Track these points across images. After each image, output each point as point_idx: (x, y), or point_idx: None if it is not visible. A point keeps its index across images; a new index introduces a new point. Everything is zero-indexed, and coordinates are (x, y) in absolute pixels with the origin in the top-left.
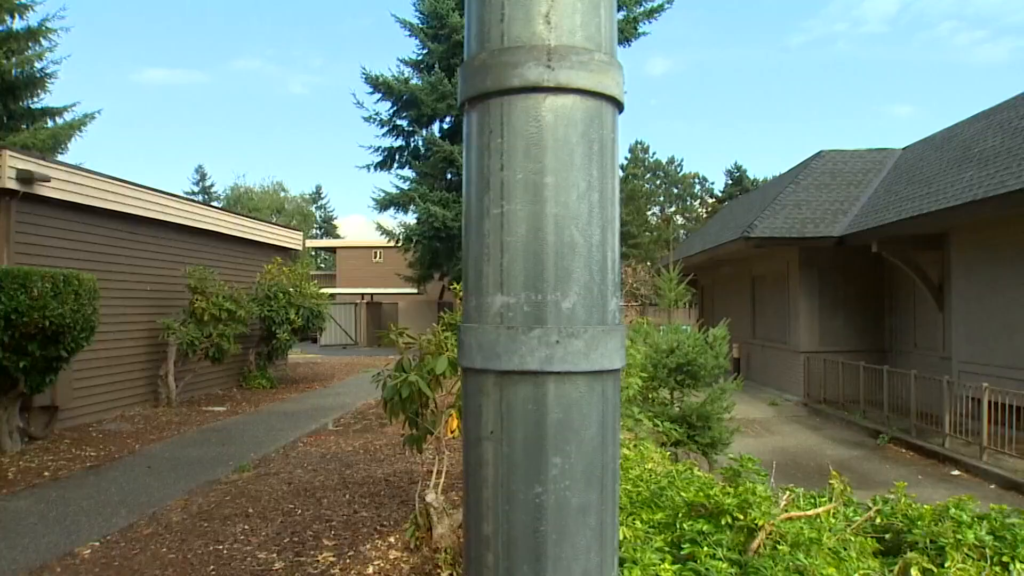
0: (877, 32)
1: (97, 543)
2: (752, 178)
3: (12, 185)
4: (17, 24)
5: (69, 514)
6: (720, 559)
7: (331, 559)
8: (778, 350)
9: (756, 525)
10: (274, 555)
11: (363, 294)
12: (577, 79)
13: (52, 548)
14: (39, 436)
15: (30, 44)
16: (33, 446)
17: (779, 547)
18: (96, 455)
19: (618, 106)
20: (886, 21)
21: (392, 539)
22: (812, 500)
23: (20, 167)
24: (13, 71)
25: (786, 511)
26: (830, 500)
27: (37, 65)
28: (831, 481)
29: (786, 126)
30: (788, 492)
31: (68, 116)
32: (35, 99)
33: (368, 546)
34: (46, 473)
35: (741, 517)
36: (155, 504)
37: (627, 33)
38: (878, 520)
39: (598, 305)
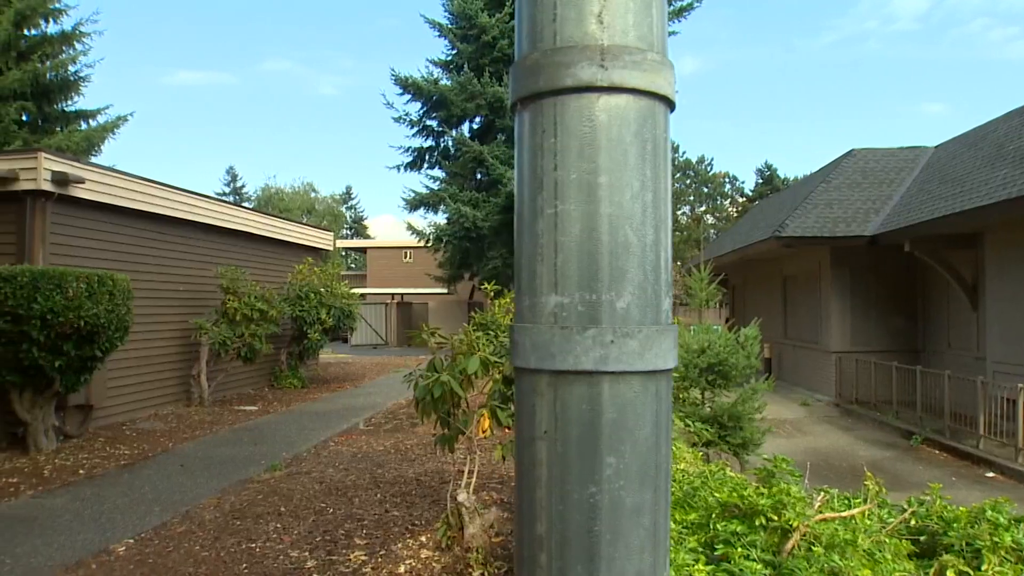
0: (908, 30)
1: (132, 540)
2: (783, 177)
3: (47, 187)
4: (51, 28)
5: (104, 512)
6: (754, 560)
7: (363, 558)
8: (809, 350)
9: (790, 526)
10: (306, 553)
11: (393, 294)
12: (630, 79)
13: (87, 545)
14: (74, 434)
15: (64, 48)
16: (68, 444)
17: (814, 548)
18: (130, 453)
19: (670, 105)
20: (917, 19)
21: (423, 538)
22: (846, 501)
23: (55, 169)
24: (48, 74)
25: (820, 512)
26: (864, 501)
27: (71, 68)
28: (866, 482)
29: (817, 125)
30: (823, 493)
31: (101, 119)
32: (69, 102)
33: (399, 545)
34: (81, 471)
35: (775, 518)
36: (188, 502)
37: None
38: (913, 522)
39: (652, 305)
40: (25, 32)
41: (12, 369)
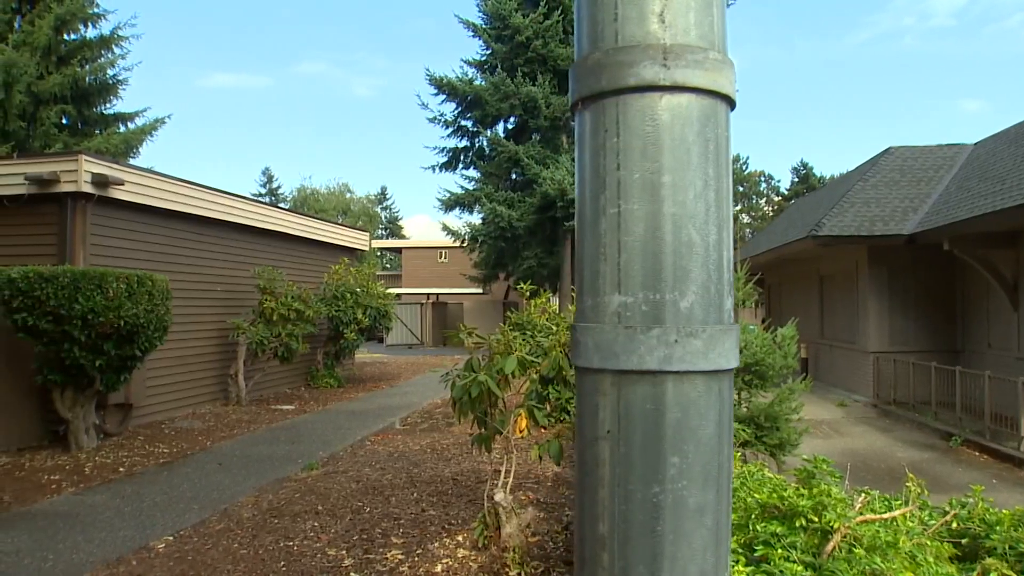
0: (945, 26)
1: (171, 537)
2: (819, 176)
3: (88, 189)
4: (91, 32)
5: (143, 509)
6: (794, 561)
7: (399, 557)
8: (847, 350)
9: (831, 528)
10: (343, 552)
11: (428, 294)
12: (693, 78)
13: (127, 541)
14: (114, 433)
15: (103, 52)
16: (108, 442)
17: (855, 550)
18: (168, 452)
19: (731, 104)
20: (954, 15)
21: (460, 538)
22: (886, 503)
23: (95, 171)
24: (87, 78)
25: (861, 514)
26: (905, 503)
27: (110, 72)
28: (907, 484)
29: (853, 123)
30: (863, 495)
31: (139, 121)
32: (108, 105)
33: (436, 544)
34: (121, 469)
35: (816, 519)
36: (226, 500)
37: None
38: (954, 524)
39: (715, 304)
40: (65, 37)
41: (54, 368)
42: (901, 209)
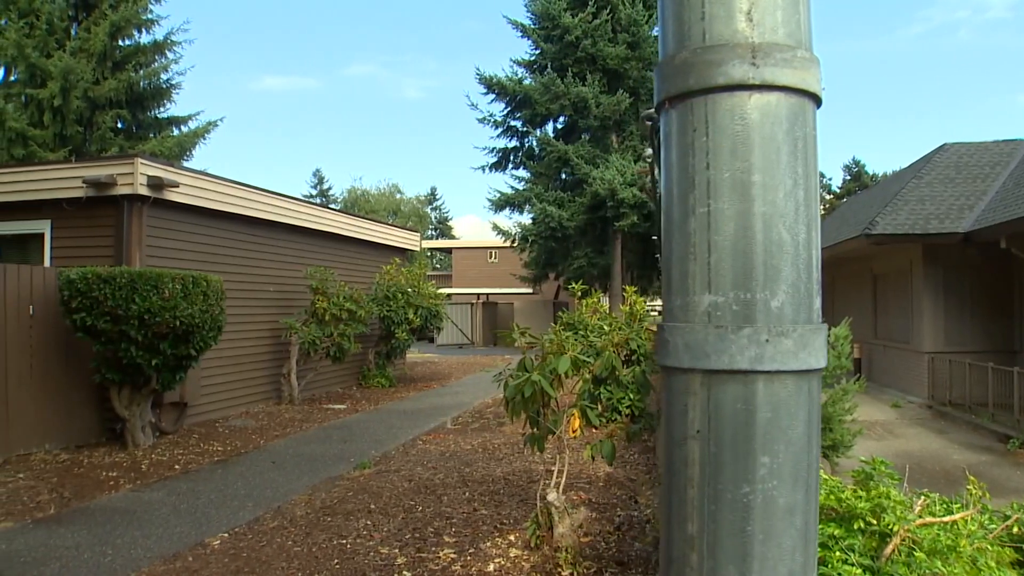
0: (1001, 18)
1: (226, 534)
2: (871, 173)
3: (144, 191)
4: (144, 38)
5: (199, 506)
6: (853, 564)
7: (452, 556)
8: (901, 350)
9: (890, 531)
10: (396, 550)
11: (478, 294)
12: (781, 76)
13: (184, 538)
14: (169, 431)
15: (156, 57)
16: (164, 440)
17: (915, 554)
18: (223, 450)
19: (817, 102)
20: (1010, 7)
21: (512, 537)
22: (946, 506)
23: (151, 174)
24: (141, 83)
25: (920, 517)
26: (964, 507)
27: (163, 76)
28: (968, 487)
29: (906, 119)
30: (923, 497)
31: (192, 124)
32: (161, 109)
33: (488, 544)
34: (176, 466)
35: (874, 522)
36: (280, 498)
37: None
38: (1015, 529)
39: (805, 304)
40: (120, 43)
41: (111, 367)
42: (957, 207)
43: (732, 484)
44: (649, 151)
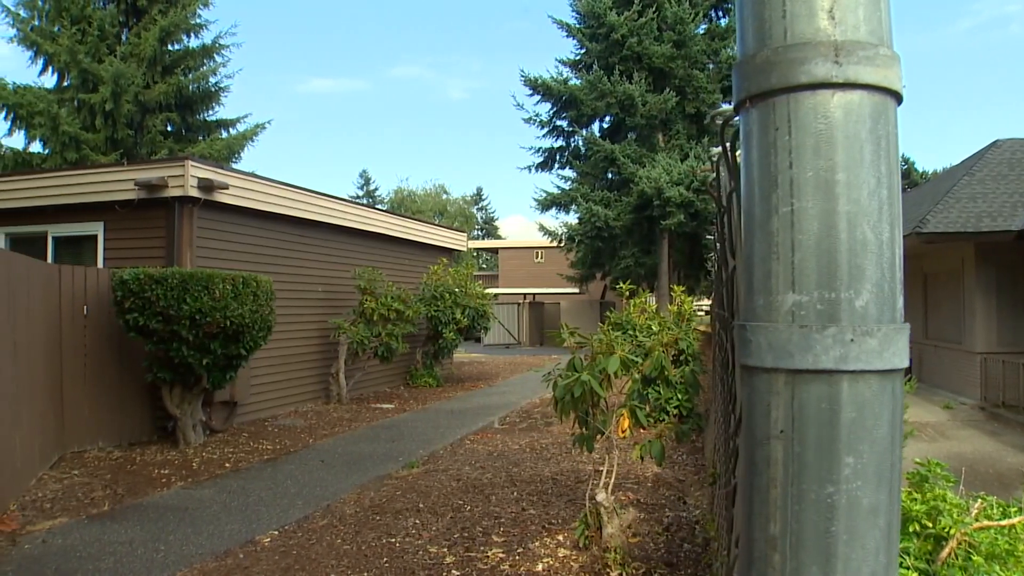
0: None
1: (276, 532)
2: (921, 171)
3: (194, 193)
4: (193, 42)
5: (249, 504)
6: (908, 567)
7: (500, 555)
8: (952, 351)
9: (947, 534)
10: (445, 550)
11: (525, 294)
12: (864, 74)
13: (234, 535)
14: (219, 429)
15: (205, 61)
16: (214, 439)
17: (973, 558)
18: (272, 448)
19: (899, 100)
20: None
21: (560, 537)
22: (1002, 509)
23: (201, 176)
24: (190, 86)
25: (977, 520)
26: (1021, 511)
27: (212, 80)
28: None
29: (957, 115)
30: (980, 500)
31: (241, 127)
32: (210, 112)
33: (537, 543)
34: (227, 464)
35: (930, 524)
36: (329, 497)
37: None
38: None
39: (888, 303)
40: (169, 47)
41: (163, 366)
42: (1010, 204)
43: (816, 484)
44: (715, 149)
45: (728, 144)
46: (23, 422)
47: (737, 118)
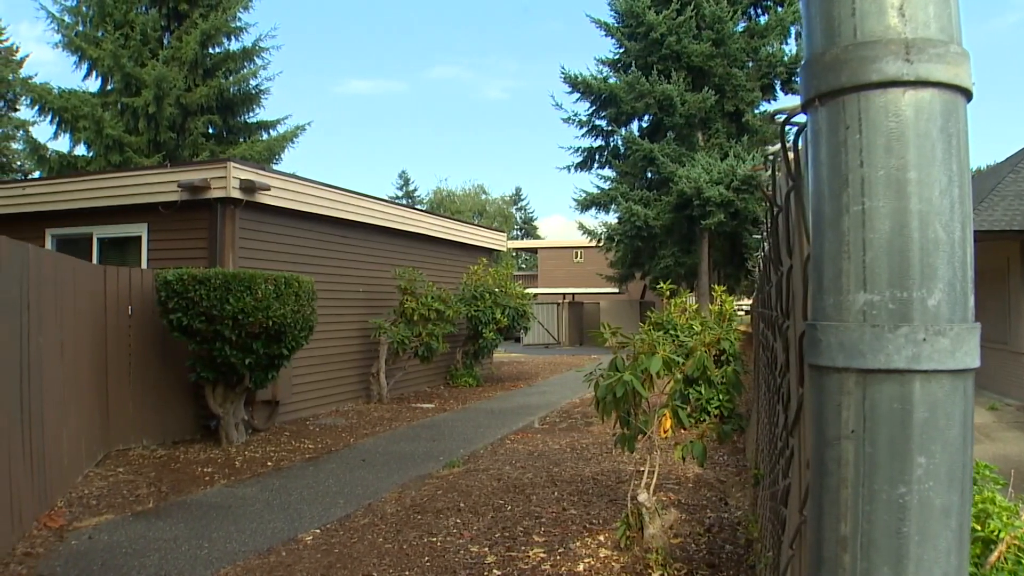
0: None
1: (318, 530)
2: None
3: (236, 194)
4: (233, 45)
5: (291, 502)
6: None
7: (542, 555)
8: (997, 351)
9: (996, 537)
10: (486, 549)
11: (564, 294)
12: (935, 72)
13: (277, 533)
14: (261, 428)
15: (245, 63)
16: (256, 437)
17: (1023, 561)
18: (314, 447)
19: (968, 97)
20: None
21: (601, 537)
22: None
23: (243, 177)
24: (231, 89)
25: None
26: None
27: (252, 82)
28: None
29: (1001, 111)
30: None
31: (281, 128)
32: (251, 114)
33: (578, 543)
34: (269, 463)
35: (978, 528)
36: (370, 496)
37: None
38: None
39: (960, 302)
40: (210, 50)
41: (206, 366)
42: None
43: (888, 485)
44: (771, 148)
45: (796, 143)
46: (70, 420)
47: (800, 116)
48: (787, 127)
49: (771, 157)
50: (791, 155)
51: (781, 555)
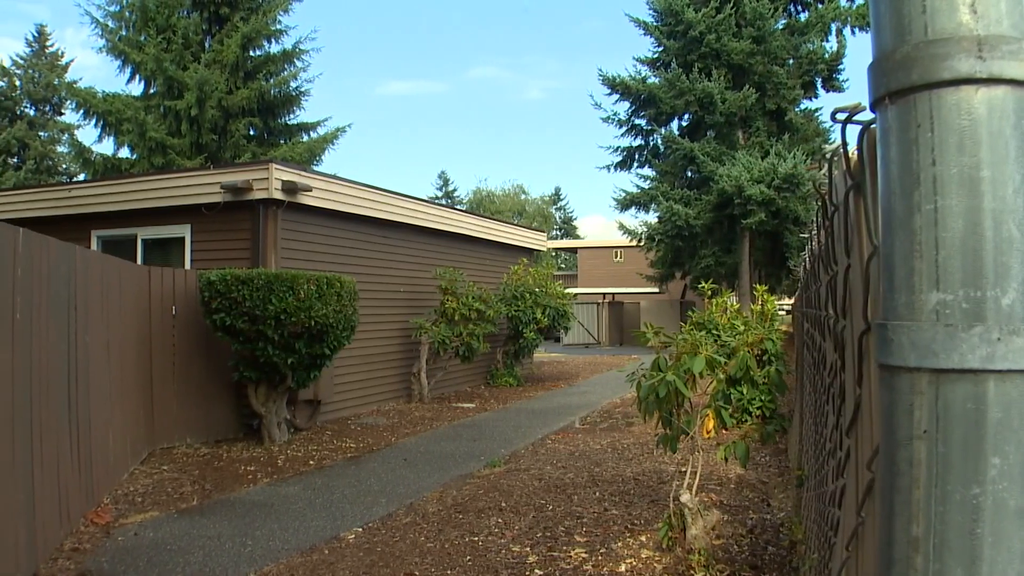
0: None
1: (360, 529)
2: None
3: (278, 195)
4: (274, 48)
5: (333, 501)
6: None
7: (583, 555)
8: None
9: None
10: (527, 549)
11: (604, 293)
12: (1008, 69)
13: (319, 531)
14: (303, 427)
15: (285, 66)
16: (298, 437)
17: None
18: (355, 447)
19: None
20: None
21: (643, 538)
22: None
23: (285, 179)
24: (272, 91)
25: None
26: None
27: (292, 84)
28: None
29: None
30: None
31: (321, 130)
32: (291, 116)
33: (619, 544)
34: (311, 462)
35: None
36: (412, 495)
37: (869, 19)
38: None
39: None
40: (251, 53)
41: (249, 365)
42: None
43: (961, 485)
44: (828, 147)
45: (846, 141)
46: (116, 418)
47: (861, 115)
48: (847, 126)
49: (828, 155)
50: (851, 153)
51: (832, 557)
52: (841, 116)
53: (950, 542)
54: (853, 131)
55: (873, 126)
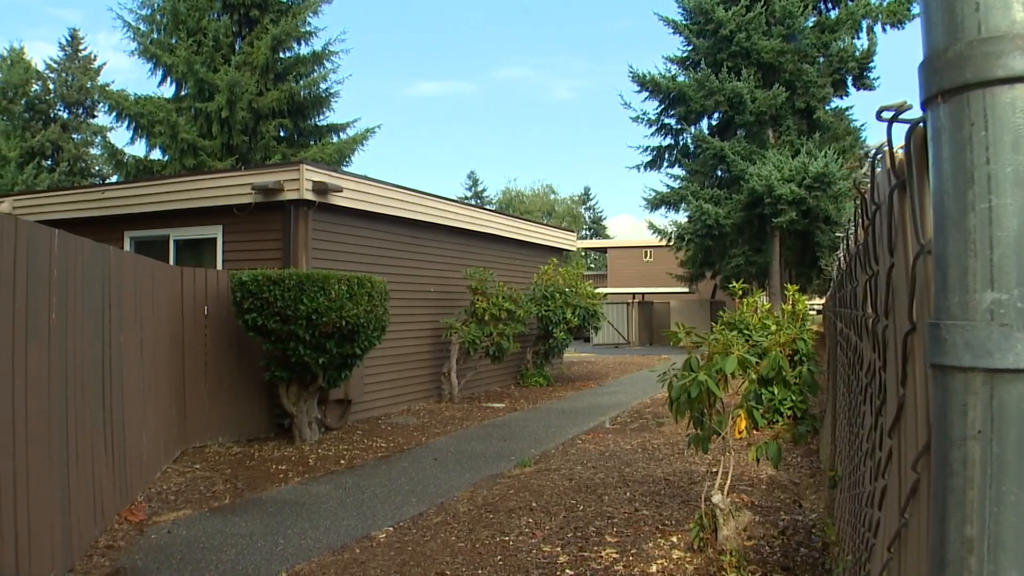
0: None
1: (391, 528)
2: None
3: (309, 196)
4: (304, 50)
5: (364, 500)
6: None
7: (614, 555)
8: None
9: None
10: (558, 549)
11: (634, 293)
12: None
13: (350, 531)
14: (334, 427)
15: (315, 67)
16: (329, 436)
17: None
18: (386, 446)
19: None
20: None
21: (674, 539)
22: None
23: (316, 179)
24: (302, 92)
25: None
26: None
27: (322, 86)
28: None
29: None
30: None
31: (351, 131)
32: (321, 117)
33: (650, 544)
34: (342, 461)
35: None
36: (442, 495)
37: (900, 16)
38: None
39: None
40: (281, 55)
41: (280, 365)
42: None
43: (1016, 486)
44: (871, 144)
45: (891, 140)
46: (149, 417)
47: (909, 113)
48: (892, 124)
49: (872, 153)
50: (897, 152)
51: (872, 558)
52: (887, 115)
53: (1005, 543)
54: (897, 129)
55: (922, 124)
